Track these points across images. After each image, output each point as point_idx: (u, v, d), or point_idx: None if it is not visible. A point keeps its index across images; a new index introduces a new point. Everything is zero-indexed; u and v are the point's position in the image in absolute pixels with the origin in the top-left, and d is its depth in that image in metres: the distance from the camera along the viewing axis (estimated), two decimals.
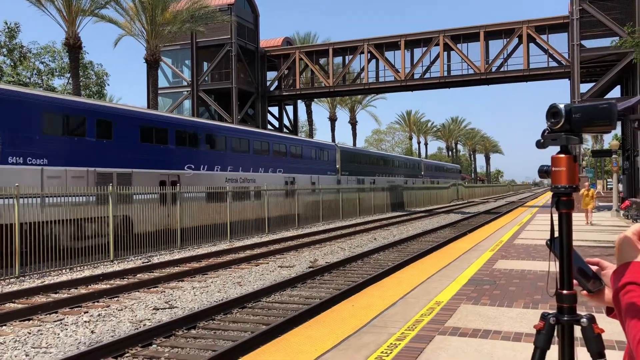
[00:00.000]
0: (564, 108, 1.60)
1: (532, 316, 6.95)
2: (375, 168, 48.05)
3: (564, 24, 35.11)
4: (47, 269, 14.37)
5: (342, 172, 39.39)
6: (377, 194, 40.61)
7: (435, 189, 60.15)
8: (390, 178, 50.96)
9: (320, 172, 35.69)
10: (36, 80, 44.28)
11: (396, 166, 55.02)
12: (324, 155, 36.91)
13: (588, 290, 1.56)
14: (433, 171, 71.81)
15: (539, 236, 17.07)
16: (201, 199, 21.48)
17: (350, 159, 41.91)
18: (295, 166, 32.26)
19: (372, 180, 45.92)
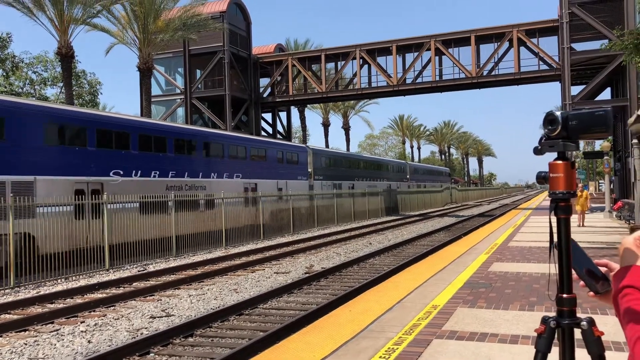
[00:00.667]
0: (560, 115, 1.63)
1: (529, 318, 7.00)
2: (354, 172, 44.45)
3: (553, 28, 35.38)
4: (42, 279, 14.29)
5: (315, 176, 35.90)
6: (359, 199, 39.30)
7: (428, 193, 60.28)
8: (372, 182, 47.14)
9: (288, 176, 32.05)
10: (29, 90, 44.16)
11: (378, 169, 51.87)
12: (293, 158, 33.29)
13: (596, 291, 1.58)
14: (420, 174, 68.50)
15: (533, 238, 17.15)
16: (134, 210, 18.58)
17: (325, 163, 38.73)
18: (257, 171, 28.84)
19: (351, 185, 42.26)
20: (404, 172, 59.89)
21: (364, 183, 45.06)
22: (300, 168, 33.97)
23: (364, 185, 44.26)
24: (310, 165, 35.51)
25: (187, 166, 23.39)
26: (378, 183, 48.80)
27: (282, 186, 30.88)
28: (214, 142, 25.55)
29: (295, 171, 33.20)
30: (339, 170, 40.96)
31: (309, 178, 34.99)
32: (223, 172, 25.81)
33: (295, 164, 33.39)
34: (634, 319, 1.28)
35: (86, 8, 28.19)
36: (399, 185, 55.12)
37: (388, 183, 51.68)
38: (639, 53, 18.23)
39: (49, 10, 27.32)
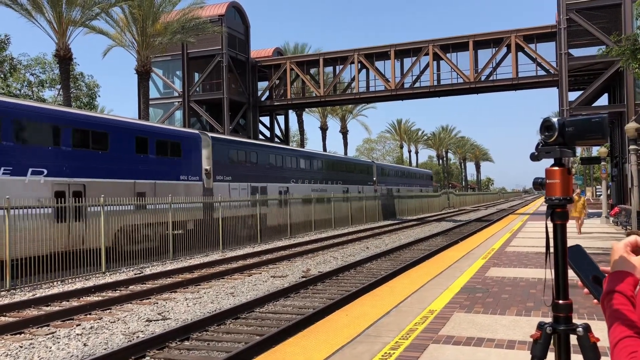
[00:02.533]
0: (557, 122, 1.64)
1: (525, 323, 7.00)
2: (290, 171, 33.68)
3: (551, 33, 35.50)
4: (39, 282, 14.25)
5: (216, 176, 25.32)
6: (354, 203, 40.03)
7: (426, 197, 60.30)
8: (319, 185, 37.35)
9: (163, 176, 21.66)
10: (26, 91, 44.12)
11: (331, 169, 40.56)
12: (174, 150, 22.62)
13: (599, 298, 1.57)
14: (393, 177, 58.08)
15: (530, 243, 17.17)
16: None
17: (234, 157, 27.57)
18: (92, 165, 18.71)
19: (285, 188, 32.30)
20: (370, 174, 49.54)
21: (305, 187, 35.00)
22: (187, 164, 23.39)
23: (305, 190, 34.62)
24: (208, 160, 24.99)
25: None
26: (329, 187, 38.66)
27: (147, 190, 20.73)
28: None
29: (178, 168, 22.81)
30: (260, 169, 29.90)
31: (203, 178, 24.55)
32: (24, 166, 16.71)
33: (177, 157, 22.76)
34: (616, 323, 1.31)
35: (85, 10, 28.19)
36: (361, 190, 45.59)
37: (344, 187, 42.01)
38: (636, 59, 18.30)
39: (48, 12, 27.32)
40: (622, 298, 1.36)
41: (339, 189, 40.43)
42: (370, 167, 50.75)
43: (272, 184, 30.93)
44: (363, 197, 40.60)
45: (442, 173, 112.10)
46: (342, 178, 42.41)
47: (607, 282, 1.44)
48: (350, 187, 43.36)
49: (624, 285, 1.38)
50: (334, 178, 40.77)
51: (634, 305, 1.35)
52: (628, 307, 1.34)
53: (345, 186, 42.25)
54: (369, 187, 48.10)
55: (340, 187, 41.28)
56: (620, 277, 1.40)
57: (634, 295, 1.37)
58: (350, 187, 43.28)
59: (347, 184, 42.89)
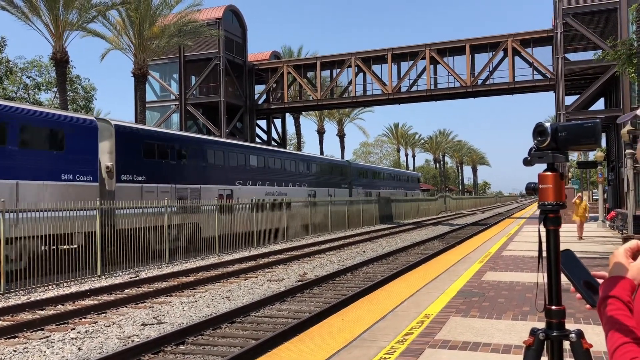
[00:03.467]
0: (549, 127, 1.64)
1: (521, 328, 6.99)
2: (229, 171, 26.96)
3: (548, 38, 35.62)
4: (33, 285, 14.18)
5: (121, 175, 19.87)
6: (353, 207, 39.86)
7: (423, 201, 60.35)
8: (276, 188, 31.42)
9: (32, 175, 16.36)
10: (23, 94, 44.03)
11: (287, 169, 33.67)
12: (53, 140, 17.37)
13: (593, 304, 1.56)
14: (373, 179, 52.45)
15: (527, 247, 17.18)
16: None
17: (148, 152, 21.47)
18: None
19: (228, 190, 26.58)
20: (344, 176, 43.73)
21: (260, 189, 29.68)
22: (73, 159, 17.80)
23: (258, 193, 29.04)
24: (110, 154, 19.68)
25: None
26: (290, 189, 33.14)
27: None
28: None
29: (58, 164, 17.26)
30: (193, 167, 24.02)
31: (104, 178, 19.51)
32: None
33: (57, 149, 17.35)
34: (613, 329, 1.30)
35: (82, 13, 28.17)
36: (332, 193, 39.14)
37: (310, 190, 35.87)
38: (632, 63, 18.38)
39: (44, 14, 27.28)
40: (619, 303, 1.35)
41: (302, 192, 34.30)
42: (345, 168, 44.59)
43: (209, 186, 24.90)
44: (360, 202, 40.57)
45: (439, 177, 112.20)
46: (308, 180, 36.16)
47: (604, 288, 1.43)
48: (318, 190, 36.91)
49: (620, 291, 1.37)
50: (296, 179, 34.54)
51: (631, 311, 1.34)
52: (625, 312, 1.33)
53: (311, 189, 35.90)
54: (342, 190, 42.09)
55: (305, 190, 35.02)
56: (616, 282, 1.40)
57: (631, 300, 1.36)
58: (318, 190, 36.77)
59: (313, 187, 36.54)
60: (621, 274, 1.40)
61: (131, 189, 20.18)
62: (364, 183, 48.63)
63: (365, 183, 48.89)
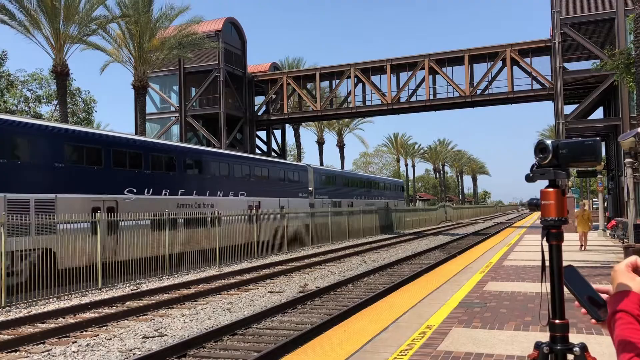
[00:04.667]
0: (551, 144, 1.66)
1: (524, 338, 6.98)
2: (117, 174, 20.16)
3: (546, 47, 35.79)
4: (34, 299, 14.15)
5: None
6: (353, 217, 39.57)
7: (424, 211, 60.32)
8: (195, 198, 24.05)
9: None
10: (23, 107, 44.15)
11: (217, 175, 26.22)
12: None
13: (598, 318, 1.57)
14: (343, 187, 43.68)
15: (528, 257, 17.16)
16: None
17: (68, 154, 18.32)
18: None
19: (113, 202, 19.66)
20: (302, 183, 35.69)
21: (183, 200, 23.25)
22: None
23: (189, 204, 23.48)
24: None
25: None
26: (219, 200, 25.44)
27: None
28: None
29: None
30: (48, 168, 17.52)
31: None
32: None
33: None
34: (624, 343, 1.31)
35: (82, 26, 28.34)
36: (285, 204, 31.84)
37: (252, 199, 28.43)
38: (630, 73, 18.47)
39: (45, 28, 27.45)
40: (628, 317, 1.36)
41: (239, 204, 26.84)
42: (303, 173, 36.19)
43: (71, 196, 17.85)
44: (360, 212, 40.53)
45: (439, 186, 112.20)
46: (249, 187, 28.49)
47: (612, 303, 1.44)
48: (264, 200, 29.39)
49: (629, 304, 1.38)
50: (231, 187, 26.87)
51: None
52: (635, 326, 1.34)
53: (254, 199, 28.51)
54: (299, 201, 34.17)
55: (243, 201, 27.52)
56: (624, 296, 1.41)
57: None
58: (264, 201, 29.31)
59: (257, 196, 28.92)
60: (627, 288, 1.41)
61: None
62: (331, 192, 40.36)
63: (332, 192, 40.56)
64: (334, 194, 40.92)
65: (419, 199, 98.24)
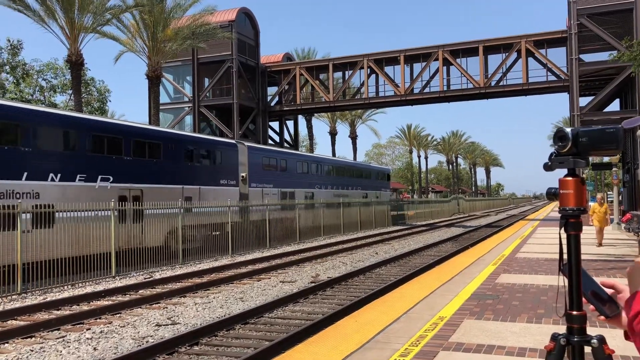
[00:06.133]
0: (570, 132, 1.63)
1: (536, 331, 6.94)
2: None
3: (562, 39, 35.35)
4: (49, 285, 14.33)
5: None
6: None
7: (436, 203, 60.12)
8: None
9: None
10: (38, 96, 44.51)
11: (93, 150, 18.47)
12: None
13: (605, 314, 1.55)
14: (295, 173, 33.06)
15: (540, 250, 17.05)
16: None
17: None
18: None
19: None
20: (229, 167, 25.71)
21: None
22: None
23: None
24: None
25: None
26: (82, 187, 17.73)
27: None
28: None
29: None
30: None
31: None
32: None
33: None
34: None
35: (96, 16, 28.44)
36: (193, 195, 22.74)
37: (135, 187, 19.93)
38: None
39: (60, 18, 27.59)
40: None
41: (107, 193, 18.27)
42: (230, 152, 25.86)
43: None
44: (372, 203, 40.47)
45: (452, 178, 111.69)
46: (122, 169, 19.39)
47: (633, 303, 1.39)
48: (149, 188, 20.41)
49: None
50: (105, 170, 18.64)
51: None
52: None
53: (148, 186, 20.30)
54: (222, 191, 24.61)
55: (113, 189, 18.75)
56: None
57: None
58: (150, 190, 20.38)
59: (139, 182, 20.08)
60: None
61: None
62: (279, 179, 30.81)
63: (280, 179, 30.98)
64: (283, 182, 31.13)
65: (432, 190, 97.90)
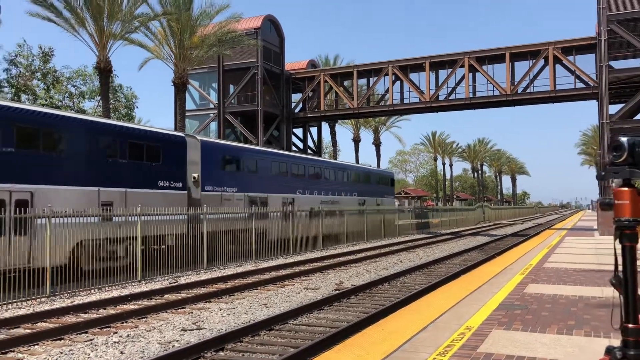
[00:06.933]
0: (626, 142, 1.59)
1: (567, 342, 6.79)
2: None
3: (591, 45, 34.80)
4: (76, 289, 14.54)
5: None
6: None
7: (461, 211, 59.55)
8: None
9: None
10: (68, 103, 45.41)
11: None
12: None
13: None
14: (270, 175, 27.62)
15: (569, 260, 16.74)
16: None
17: None
18: None
19: None
20: (173, 167, 20.92)
21: None
22: None
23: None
24: None
25: None
26: None
27: None
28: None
29: None
30: None
31: None
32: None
33: None
34: None
35: (125, 24, 28.94)
36: (116, 199, 18.06)
37: (24, 188, 15.40)
38: None
39: (90, 26, 28.13)
40: None
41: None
42: (176, 149, 21.30)
43: None
44: (397, 210, 40.23)
45: (477, 186, 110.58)
46: (16, 166, 15.43)
47: None
48: (68, 190, 16.72)
49: None
50: None
51: None
52: None
53: (42, 187, 15.90)
54: (166, 195, 20.28)
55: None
56: None
57: None
58: (68, 192, 16.67)
59: (36, 183, 15.79)
60: None
61: None
62: (245, 181, 25.23)
63: (247, 182, 25.39)
64: (252, 185, 25.67)
65: (457, 198, 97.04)
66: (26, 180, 15.66)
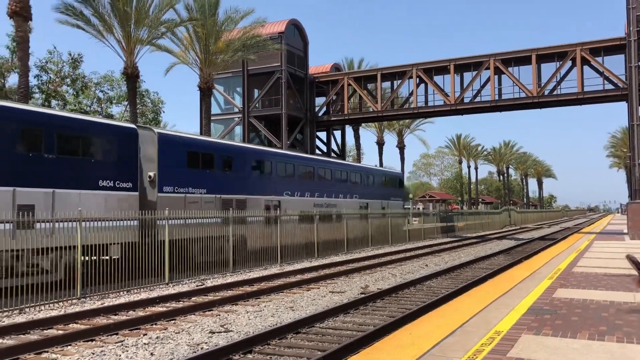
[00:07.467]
0: None
1: (598, 348, 6.69)
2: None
3: (620, 46, 34.21)
4: (106, 291, 14.79)
5: None
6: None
7: (487, 215, 58.92)
8: None
9: None
10: (96, 108, 46.25)
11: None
12: None
13: None
14: (249, 173, 23.88)
15: (599, 264, 16.45)
16: None
17: None
18: None
19: None
20: (120, 164, 17.52)
21: None
22: None
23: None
24: None
25: None
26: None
27: None
28: None
29: None
30: None
31: None
32: None
33: None
34: None
35: (151, 30, 29.38)
36: (37, 203, 14.79)
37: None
38: None
39: (117, 32, 28.63)
40: None
41: None
42: (125, 142, 17.93)
43: None
44: (422, 214, 40.01)
45: (503, 189, 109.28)
46: None
47: None
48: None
49: None
50: None
51: None
52: None
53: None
54: (109, 196, 17.17)
55: None
56: None
57: None
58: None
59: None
60: None
61: None
62: (216, 181, 21.86)
63: (218, 182, 21.97)
64: (225, 186, 22.36)
65: (482, 202, 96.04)
66: None
